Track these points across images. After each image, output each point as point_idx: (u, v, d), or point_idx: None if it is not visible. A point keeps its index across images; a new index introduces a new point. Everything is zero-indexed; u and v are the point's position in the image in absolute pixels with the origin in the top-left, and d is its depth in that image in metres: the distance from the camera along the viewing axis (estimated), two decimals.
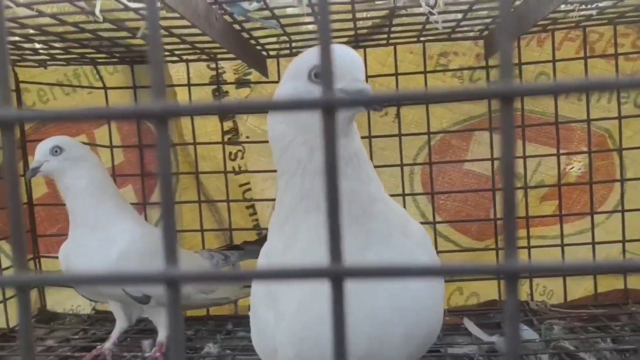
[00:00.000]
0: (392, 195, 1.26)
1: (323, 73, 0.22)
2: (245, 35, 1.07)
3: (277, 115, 0.58)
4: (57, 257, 1.38)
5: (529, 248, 1.27)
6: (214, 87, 1.39)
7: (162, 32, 1.01)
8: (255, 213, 1.51)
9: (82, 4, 0.83)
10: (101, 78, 1.33)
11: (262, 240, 1.33)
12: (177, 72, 1.36)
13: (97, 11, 0.81)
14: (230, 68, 1.38)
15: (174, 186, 1.37)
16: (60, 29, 0.98)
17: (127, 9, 0.84)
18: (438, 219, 1.30)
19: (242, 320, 1.30)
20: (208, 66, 1.38)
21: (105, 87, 1.33)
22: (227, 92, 1.40)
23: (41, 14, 0.86)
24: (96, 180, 1.02)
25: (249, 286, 1.33)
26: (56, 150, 1.00)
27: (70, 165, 1.00)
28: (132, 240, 1.01)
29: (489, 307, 1.31)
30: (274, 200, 1.41)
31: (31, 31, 0.98)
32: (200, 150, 1.39)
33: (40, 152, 0.99)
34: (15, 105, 1.33)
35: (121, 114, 0.26)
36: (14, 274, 0.22)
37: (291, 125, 0.57)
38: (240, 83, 1.41)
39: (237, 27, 1.00)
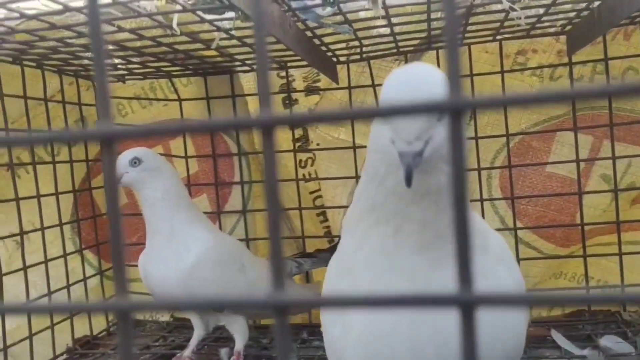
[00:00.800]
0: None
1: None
2: (316, 41, 1.06)
3: (378, 125, 0.56)
4: (136, 266, 1.43)
5: (620, 255, 1.19)
6: (283, 95, 1.40)
7: (235, 42, 1.02)
8: (326, 220, 1.50)
9: (160, 18, 0.84)
10: (176, 90, 1.36)
11: (334, 248, 1.32)
12: (247, 81, 1.38)
13: (174, 24, 0.83)
14: (299, 76, 1.38)
15: (246, 195, 1.39)
16: (138, 43, 1.00)
17: (202, 21, 0.85)
18: (519, 224, 1.24)
19: (316, 329, 1.29)
20: (277, 74, 1.39)
21: (180, 99, 1.35)
22: (296, 100, 1.40)
23: (121, 29, 0.88)
24: (172, 190, 1.04)
25: None
26: (135, 162, 1.02)
27: (148, 176, 1.02)
28: (206, 249, 1.02)
29: (575, 317, 1.23)
30: (345, 207, 1.40)
31: (111, 47, 1.01)
32: None
33: (121, 163, 1.01)
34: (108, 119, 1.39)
35: (224, 125, 0.25)
36: (116, 300, 0.21)
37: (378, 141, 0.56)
38: (310, 90, 1.41)
39: (309, 33, 0.99)
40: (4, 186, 1.31)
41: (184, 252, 1.00)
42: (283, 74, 1.37)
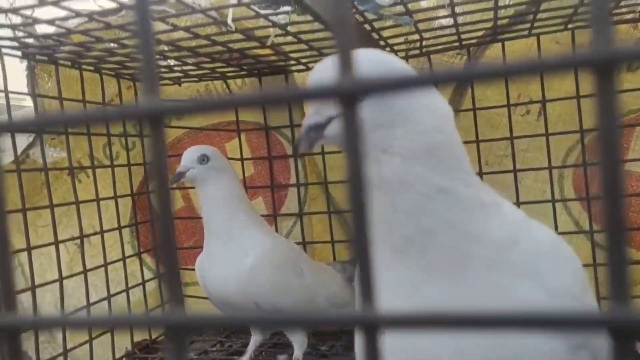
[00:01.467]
0: (539, 202, 1.15)
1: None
2: (375, 35, 1.02)
3: None
4: (193, 269, 1.42)
5: None
6: None
7: (290, 38, 0.99)
8: None
9: (214, 14, 0.82)
10: (230, 92, 1.34)
11: None
12: (302, 80, 1.35)
13: (229, 20, 0.80)
14: None
15: (302, 197, 1.35)
16: (193, 43, 0.99)
17: (258, 15, 0.82)
18: (595, 227, 1.14)
19: None
20: None
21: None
22: None
23: (175, 27, 0.86)
24: (233, 192, 1.02)
25: None
26: (203, 159, 1.01)
27: (213, 175, 1.01)
28: (263, 252, 0.99)
29: None
30: None
31: (165, 47, 1.00)
32: (328, 159, 1.36)
33: (189, 158, 1.00)
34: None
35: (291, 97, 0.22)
36: (169, 313, 0.18)
37: None
38: None
39: (367, 27, 0.95)
40: (65, 190, 1.34)
41: (242, 255, 0.98)
42: None
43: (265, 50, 1.11)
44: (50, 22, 0.85)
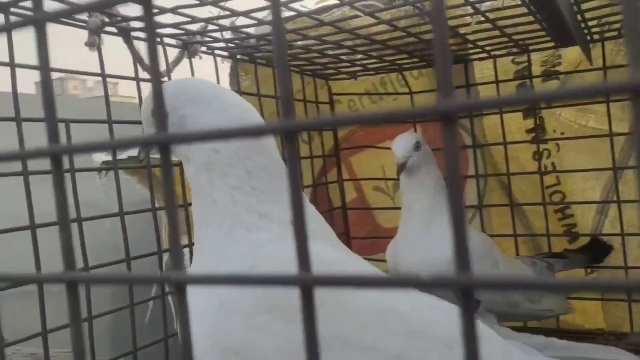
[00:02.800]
0: None
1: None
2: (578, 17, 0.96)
3: None
4: (368, 259, 1.44)
5: None
6: (518, 82, 1.31)
7: (487, 25, 0.97)
8: (565, 217, 1.37)
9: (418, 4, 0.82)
10: (407, 83, 1.35)
11: (586, 248, 1.20)
12: (480, 70, 1.31)
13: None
14: (538, 60, 1.28)
15: (482, 189, 1.32)
16: (385, 36, 1.00)
17: (466, 3, 0.81)
18: None
19: (563, 336, 1.18)
20: (512, 60, 1.31)
21: (410, 92, 1.34)
22: (531, 87, 1.30)
23: (380, 21, 0.88)
24: (438, 178, 1.03)
25: (574, 298, 1.21)
26: (418, 146, 1.02)
27: (425, 161, 1.02)
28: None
29: None
30: (597, 202, 1.26)
31: (359, 42, 1.02)
32: (503, 151, 1.31)
33: (406, 147, 1.00)
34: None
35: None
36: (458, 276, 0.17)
37: None
38: (548, 75, 1.30)
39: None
40: None
41: (441, 241, 0.97)
42: (519, 59, 1.29)
43: (451, 39, 1.10)
44: (251, 26, 0.92)
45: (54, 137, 0.26)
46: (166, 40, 0.90)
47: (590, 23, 1.03)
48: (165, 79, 0.90)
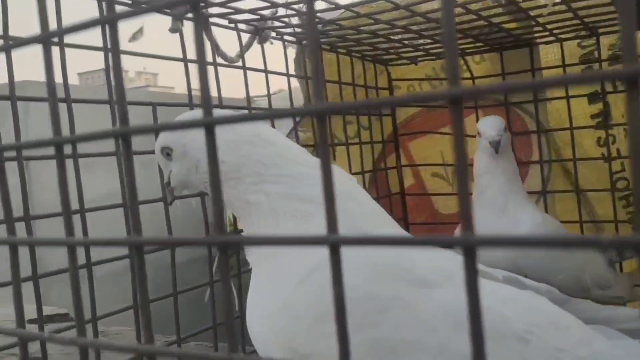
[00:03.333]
0: None
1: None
2: None
3: None
4: None
5: None
6: (583, 67, 1.28)
7: (560, 7, 0.95)
8: (630, 205, 1.34)
9: None
10: (468, 68, 1.33)
11: None
12: (545, 54, 1.29)
13: None
14: (606, 44, 1.25)
15: (546, 174, 1.30)
16: (455, 19, 0.99)
17: None
18: None
19: None
20: (578, 44, 1.28)
21: (472, 77, 1.33)
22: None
23: (468, 11, 0.87)
24: (515, 164, 1.02)
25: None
26: (505, 129, 1.02)
27: (507, 146, 1.01)
28: (536, 226, 0.97)
29: None
30: None
31: (426, 26, 1.02)
32: (565, 136, 1.29)
33: (498, 127, 1.00)
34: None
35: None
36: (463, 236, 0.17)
37: None
38: (615, 59, 1.27)
39: None
40: None
41: (513, 228, 0.97)
42: (586, 42, 1.26)
43: (516, 24, 1.08)
44: (323, 11, 0.93)
45: (125, 120, 0.28)
46: (241, 26, 0.92)
47: None
48: (240, 63, 0.92)
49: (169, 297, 0.82)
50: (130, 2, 0.75)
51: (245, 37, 0.95)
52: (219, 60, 0.89)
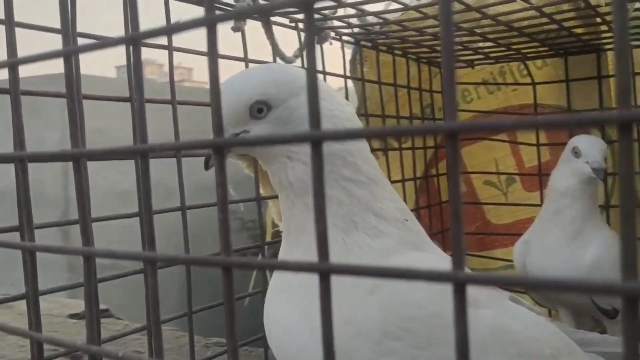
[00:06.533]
0: None
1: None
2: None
3: None
4: (476, 255, 1.39)
5: None
6: None
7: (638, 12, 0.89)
8: None
9: None
10: (529, 73, 1.28)
11: None
12: (612, 61, 1.22)
13: None
14: None
15: (609, 187, 1.24)
16: (525, 22, 0.95)
17: None
18: None
19: None
20: None
21: (533, 83, 1.27)
22: None
23: (532, 6, 0.83)
24: (596, 190, 0.96)
25: None
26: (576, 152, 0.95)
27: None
28: (606, 247, 0.91)
29: None
30: None
31: (493, 28, 0.97)
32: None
33: (603, 153, 0.93)
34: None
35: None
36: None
37: None
38: None
39: None
40: None
41: (582, 248, 0.92)
42: None
43: (586, 29, 1.03)
44: (380, 13, 0.90)
45: (219, 132, 0.25)
46: (300, 25, 0.89)
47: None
48: (298, 63, 0.89)
49: (183, 316, 0.78)
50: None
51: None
52: (278, 60, 0.86)
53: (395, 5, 0.85)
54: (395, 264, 0.50)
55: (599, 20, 0.94)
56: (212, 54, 0.26)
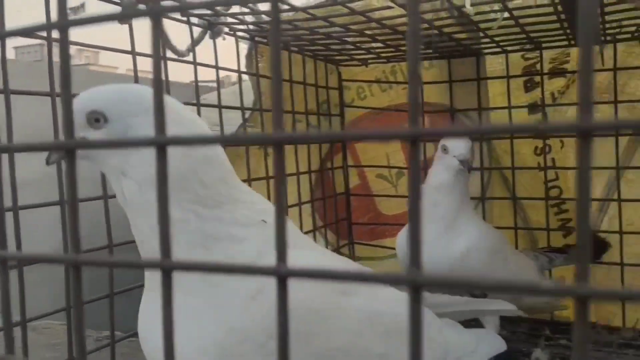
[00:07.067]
0: None
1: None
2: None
3: None
4: (367, 244, 1.46)
5: None
6: (525, 78, 1.33)
7: (508, 22, 0.98)
8: (561, 212, 1.41)
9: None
10: None
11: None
12: (490, 64, 1.33)
13: (467, 4, 0.81)
14: (548, 57, 1.30)
15: (485, 181, 1.35)
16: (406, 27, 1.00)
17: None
18: None
19: (559, 327, 1.22)
20: (522, 56, 1.32)
21: (421, 83, 1.35)
22: (538, 83, 1.32)
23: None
24: (466, 182, 1.04)
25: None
26: (472, 148, 1.02)
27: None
28: (478, 237, 1.00)
29: None
30: (598, 200, 1.29)
31: (380, 31, 1.03)
32: (505, 145, 1.34)
33: (468, 148, 1.00)
34: (338, 104, 1.44)
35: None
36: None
37: None
38: (554, 73, 1.32)
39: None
40: (255, 163, 1.42)
41: (456, 238, 0.99)
42: (529, 55, 1.30)
43: (466, 34, 1.11)
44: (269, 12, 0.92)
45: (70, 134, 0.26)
46: (193, 20, 0.89)
47: (607, 25, 1.05)
48: (190, 57, 0.89)
49: (105, 297, 0.79)
50: None
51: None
52: (169, 53, 0.86)
53: (284, 6, 0.87)
54: (270, 263, 0.51)
55: (475, 27, 1.02)
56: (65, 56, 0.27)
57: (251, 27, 1.04)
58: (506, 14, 0.90)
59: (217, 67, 0.95)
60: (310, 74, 1.30)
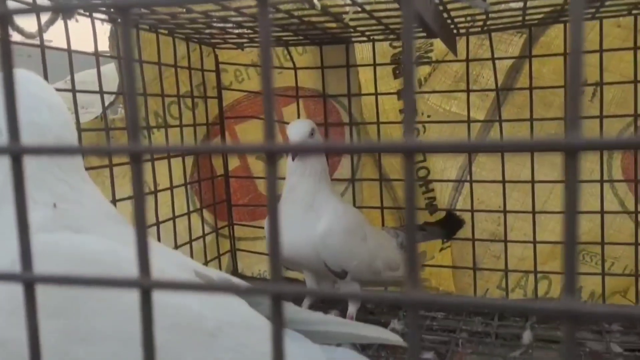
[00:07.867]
0: (587, 182, 1.20)
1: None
2: (444, 14, 1.05)
3: None
4: (246, 225, 1.50)
5: None
6: (394, 66, 1.41)
7: (363, 15, 1.03)
8: (428, 191, 1.51)
9: None
10: (292, 58, 1.39)
11: (442, 221, 1.34)
12: (360, 51, 1.39)
13: (315, 1, 0.85)
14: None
15: (355, 163, 1.41)
16: (279, 15, 1.03)
17: None
18: None
19: None
20: (390, 44, 1.39)
21: (295, 67, 1.39)
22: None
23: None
24: (325, 164, 1.08)
25: (430, 265, 1.36)
26: (312, 133, 1.06)
27: None
28: (336, 217, 1.05)
29: None
30: (455, 181, 1.40)
31: (245, 18, 1.05)
32: (375, 128, 1.42)
33: (302, 133, 1.04)
34: (215, 85, 1.45)
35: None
36: (270, 284, 0.22)
37: None
38: (420, 61, 1.41)
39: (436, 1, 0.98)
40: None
41: (316, 220, 1.05)
42: (396, 43, 1.37)
43: (333, 23, 1.15)
44: None
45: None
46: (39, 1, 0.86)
47: (457, 20, 1.14)
48: (37, 41, 0.87)
49: None
50: None
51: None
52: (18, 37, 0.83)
53: None
54: (39, 241, 0.50)
55: (333, 19, 1.06)
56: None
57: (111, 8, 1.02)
58: (358, 8, 0.95)
59: (69, 51, 0.92)
60: (184, 56, 1.29)
